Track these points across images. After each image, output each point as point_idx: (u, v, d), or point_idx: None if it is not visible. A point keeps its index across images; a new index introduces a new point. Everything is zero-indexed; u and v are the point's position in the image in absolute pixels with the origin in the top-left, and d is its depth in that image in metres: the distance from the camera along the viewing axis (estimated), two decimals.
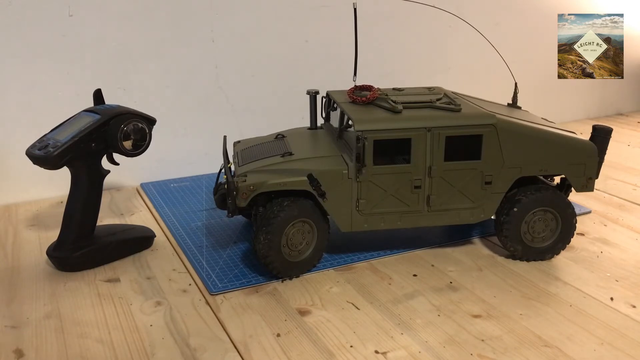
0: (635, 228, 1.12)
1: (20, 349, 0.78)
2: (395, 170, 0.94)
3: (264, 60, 1.44)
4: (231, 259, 0.99)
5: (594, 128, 1.01)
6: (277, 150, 0.98)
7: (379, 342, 0.79)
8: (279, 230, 0.91)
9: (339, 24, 1.43)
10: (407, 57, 1.62)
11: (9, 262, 1.01)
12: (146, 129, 0.99)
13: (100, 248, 0.99)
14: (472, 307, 0.86)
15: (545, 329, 0.81)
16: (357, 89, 1.03)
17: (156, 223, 1.16)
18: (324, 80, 1.18)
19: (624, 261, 1.00)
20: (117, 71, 1.31)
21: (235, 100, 1.44)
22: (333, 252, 1.01)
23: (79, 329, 0.82)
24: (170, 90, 1.37)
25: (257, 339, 0.79)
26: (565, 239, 0.99)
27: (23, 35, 1.22)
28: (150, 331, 0.81)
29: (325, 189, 0.92)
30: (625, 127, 1.85)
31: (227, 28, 1.39)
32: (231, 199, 0.90)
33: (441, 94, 1.04)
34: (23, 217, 1.19)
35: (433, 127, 0.93)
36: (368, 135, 0.91)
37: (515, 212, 0.97)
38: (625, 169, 1.39)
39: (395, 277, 0.95)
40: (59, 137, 0.94)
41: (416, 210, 0.96)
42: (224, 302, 0.88)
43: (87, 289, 0.92)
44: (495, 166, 0.96)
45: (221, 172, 0.99)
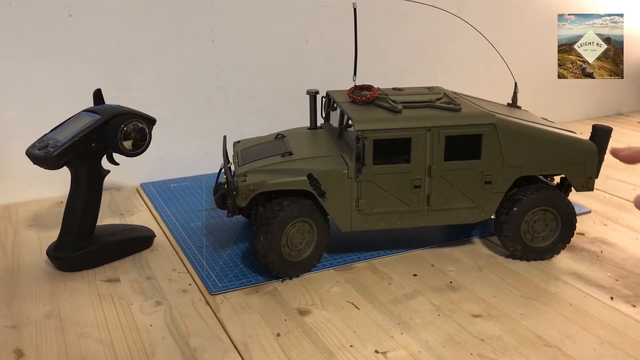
0: (635, 228, 1.12)
1: (20, 349, 0.78)
2: (395, 170, 0.94)
3: (264, 60, 1.44)
4: (231, 259, 0.99)
5: (594, 128, 1.01)
6: (277, 150, 0.98)
7: (379, 342, 0.79)
8: (279, 230, 0.90)
9: (339, 24, 1.43)
10: (407, 57, 1.62)
11: (9, 262, 1.01)
12: (146, 129, 0.99)
13: (100, 248, 0.99)
14: (472, 307, 0.86)
15: (545, 328, 0.81)
16: (357, 88, 1.03)
17: (156, 223, 1.16)
18: (324, 80, 1.18)
19: (624, 261, 1.00)
20: (117, 71, 1.31)
21: (235, 100, 1.44)
22: (333, 252, 1.01)
23: (79, 329, 0.82)
24: (170, 90, 1.37)
25: (257, 339, 0.79)
26: (565, 238, 0.99)
27: (23, 35, 1.22)
28: (150, 331, 0.81)
29: (325, 189, 0.92)
30: (625, 127, 1.85)
31: (227, 28, 1.39)
32: (231, 199, 0.90)
33: (441, 94, 1.04)
34: (23, 217, 1.19)
35: (433, 126, 0.93)
36: (368, 135, 0.91)
37: (515, 211, 0.97)
38: (625, 168, 1.39)
39: (395, 277, 0.95)
40: (59, 137, 0.94)
41: (416, 210, 0.96)
42: (224, 302, 0.88)
43: (87, 289, 0.92)
44: (495, 166, 0.96)
45: (221, 172, 0.99)
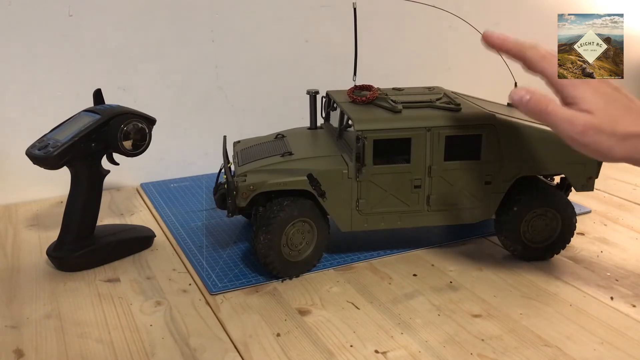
0: (635, 228, 1.12)
1: (20, 349, 0.78)
2: (395, 170, 0.94)
3: (264, 60, 1.44)
4: (231, 259, 0.99)
5: None
6: (277, 150, 0.98)
7: (379, 342, 0.79)
8: (278, 230, 0.90)
9: (339, 24, 1.43)
10: (407, 57, 1.62)
11: (9, 262, 1.01)
12: (146, 129, 0.99)
13: (100, 248, 0.99)
14: (472, 307, 0.86)
15: (545, 328, 0.81)
16: (357, 88, 1.03)
17: (156, 223, 1.16)
18: (324, 80, 1.18)
19: (624, 261, 1.00)
20: (117, 71, 1.31)
21: (235, 100, 1.44)
22: (333, 252, 1.01)
23: (79, 329, 0.82)
24: (170, 90, 1.37)
25: (257, 339, 0.79)
26: (565, 238, 0.99)
27: (23, 35, 1.22)
28: (150, 331, 0.81)
29: (325, 189, 0.92)
30: None
31: (227, 28, 1.39)
32: (231, 199, 0.90)
33: (441, 94, 1.04)
34: (23, 217, 1.19)
35: (433, 126, 0.93)
36: (368, 135, 0.91)
37: (515, 211, 0.97)
38: (625, 168, 1.39)
39: (395, 277, 0.95)
40: (59, 137, 0.94)
41: (416, 210, 0.96)
42: (224, 302, 0.88)
43: (87, 289, 0.92)
44: (495, 166, 0.96)
45: (221, 172, 0.99)
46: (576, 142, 0.77)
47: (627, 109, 0.76)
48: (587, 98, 0.76)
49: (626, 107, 0.76)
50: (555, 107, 0.77)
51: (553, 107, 0.77)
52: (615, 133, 0.74)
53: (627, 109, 0.76)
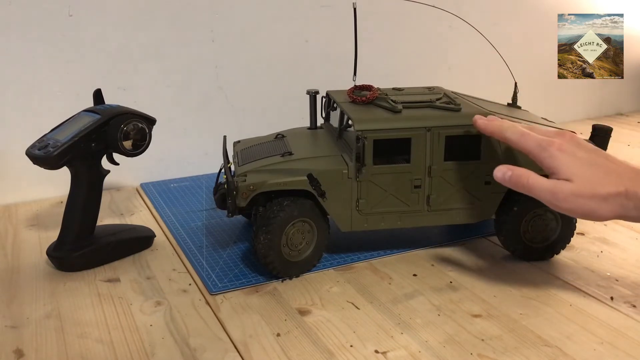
0: (635, 228, 1.12)
1: (20, 349, 0.78)
2: (395, 170, 0.94)
3: (264, 60, 1.44)
4: (231, 259, 0.99)
5: (594, 128, 1.01)
6: (277, 150, 0.98)
7: (379, 342, 0.79)
8: (278, 230, 0.90)
9: (339, 24, 1.43)
10: (407, 57, 1.62)
11: (9, 262, 1.01)
12: (146, 129, 0.99)
13: (100, 248, 0.99)
14: (472, 307, 0.86)
15: (545, 328, 0.81)
16: (357, 88, 1.03)
17: (156, 223, 1.16)
18: (324, 80, 1.18)
19: (624, 261, 1.00)
20: (117, 71, 1.31)
21: (235, 100, 1.44)
22: (333, 252, 1.01)
23: (79, 329, 0.82)
24: (170, 90, 1.37)
25: (257, 339, 0.79)
26: (565, 238, 0.99)
27: (23, 35, 1.22)
28: (150, 331, 0.81)
29: (325, 189, 0.92)
30: (625, 127, 1.85)
31: (227, 28, 1.39)
32: (231, 199, 0.90)
33: (441, 94, 1.04)
34: (23, 217, 1.19)
35: (433, 126, 0.93)
36: (368, 135, 0.91)
37: (515, 211, 0.97)
38: None
39: (395, 277, 0.95)
40: (59, 137, 0.94)
41: (416, 210, 0.96)
42: (224, 302, 0.88)
43: (87, 289, 0.92)
44: (495, 166, 0.95)
45: (221, 172, 0.99)
46: (561, 209, 0.80)
47: (606, 172, 0.79)
48: (565, 167, 0.79)
49: (606, 170, 0.79)
50: (535, 180, 0.81)
51: (534, 179, 0.81)
52: (595, 195, 0.77)
53: (606, 172, 0.79)
